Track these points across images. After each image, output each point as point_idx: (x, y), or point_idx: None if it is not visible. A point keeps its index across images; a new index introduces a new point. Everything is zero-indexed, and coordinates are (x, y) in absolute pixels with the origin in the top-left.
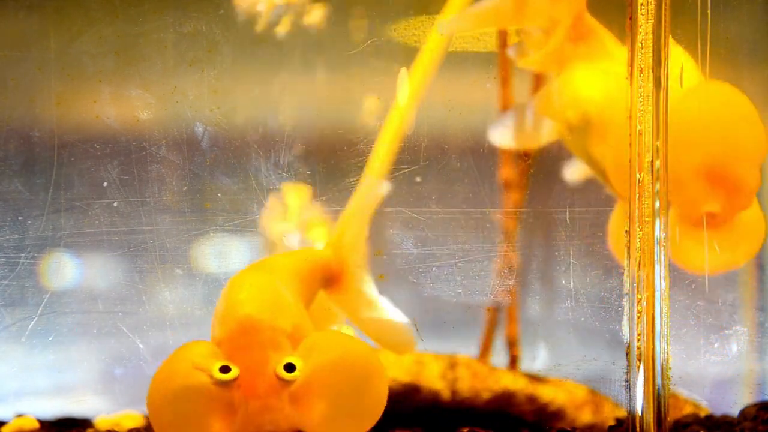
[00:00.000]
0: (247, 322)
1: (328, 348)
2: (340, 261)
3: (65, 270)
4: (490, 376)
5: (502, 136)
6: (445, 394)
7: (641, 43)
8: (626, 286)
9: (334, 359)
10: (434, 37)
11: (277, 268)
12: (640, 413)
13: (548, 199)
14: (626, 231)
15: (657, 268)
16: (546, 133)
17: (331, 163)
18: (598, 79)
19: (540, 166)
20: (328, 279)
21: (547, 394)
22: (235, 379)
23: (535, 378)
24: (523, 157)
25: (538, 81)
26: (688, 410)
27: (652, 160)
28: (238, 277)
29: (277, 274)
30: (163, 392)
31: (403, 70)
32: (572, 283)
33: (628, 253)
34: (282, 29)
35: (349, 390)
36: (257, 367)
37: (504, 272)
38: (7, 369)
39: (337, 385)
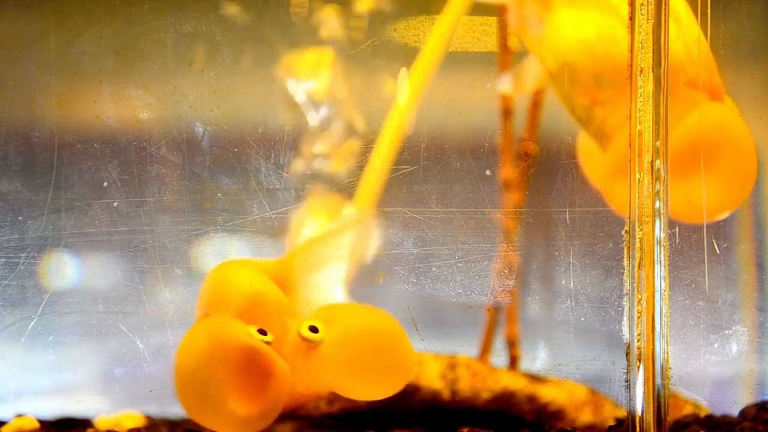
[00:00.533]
0: (257, 296)
1: (351, 313)
2: (285, 278)
3: (65, 270)
4: (490, 376)
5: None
6: (445, 394)
7: (641, 43)
8: (626, 286)
9: (358, 323)
10: (434, 37)
11: (250, 264)
12: (640, 413)
13: (548, 199)
14: (626, 231)
15: (657, 268)
16: (533, 79)
17: (331, 163)
18: (583, 25)
19: (540, 166)
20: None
21: (547, 394)
22: (270, 343)
23: (535, 378)
24: (523, 157)
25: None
26: (688, 410)
27: (652, 160)
28: (226, 264)
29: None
30: (198, 359)
31: (403, 70)
32: (572, 283)
33: (628, 253)
34: (282, 29)
35: (374, 351)
36: (278, 333)
37: (504, 272)
38: (7, 369)
39: (361, 347)
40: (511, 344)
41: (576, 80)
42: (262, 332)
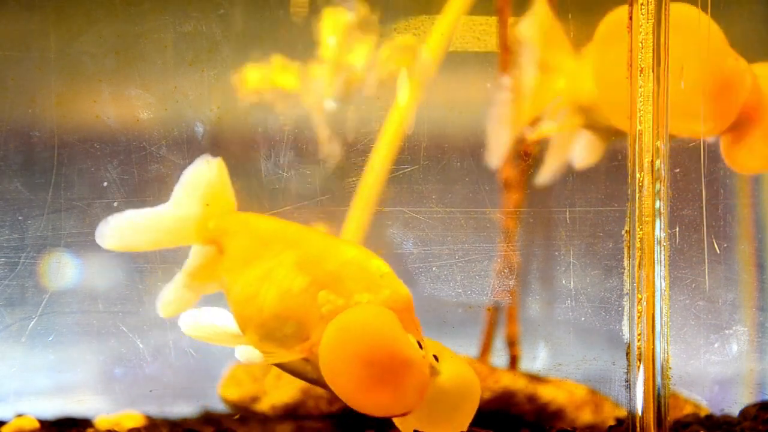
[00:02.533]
0: (409, 302)
1: (454, 359)
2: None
3: (65, 270)
4: (490, 376)
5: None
6: None
7: (641, 43)
8: (626, 286)
9: (460, 374)
10: (434, 37)
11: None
12: (640, 413)
13: (548, 199)
14: (626, 231)
15: (657, 268)
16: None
17: (331, 163)
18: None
19: (540, 166)
20: None
21: (547, 394)
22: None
23: (535, 378)
24: (523, 157)
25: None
26: (688, 410)
27: (652, 160)
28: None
29: None
30: (368, 352)
31: (403, 70)
32: (572, 283)
33: (629, 253)
34: (282, 29)
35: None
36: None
37: (504, 272)
38: (7, 369)
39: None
40: (511, 344)
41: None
42: (419, 345)
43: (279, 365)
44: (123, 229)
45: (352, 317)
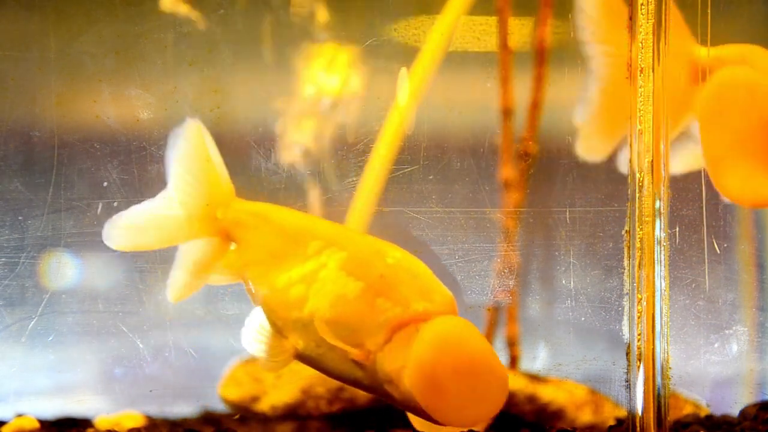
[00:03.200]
0: (455, 306)
1: None
2: None
3: (65, 270)
4: None
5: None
6: None
7: (641, 43)
8: (626, 286)
9: None
10: (434, 37)
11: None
12: (640, 413)
13: (548, 199)
14: (626, 231)
15: (657, 268)
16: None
17: (331, 163)
18: None
19: (540, 166)
20: None
21: (547, 394)
22: None
23: (535, 378)
24: (523, 156)
25: (538, 81)
26: (688, 410)
27: (652, 160)
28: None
29: None
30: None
31: (403, 70)
32: (572, 283)
33: (628, 253)
34: (282, 29)
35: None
36: None
37: (504, 272)
38: (7, 369)
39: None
40: (511, 344)
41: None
42: None
43: (325, 369)
44: (127, 228)
45: (445, 331)
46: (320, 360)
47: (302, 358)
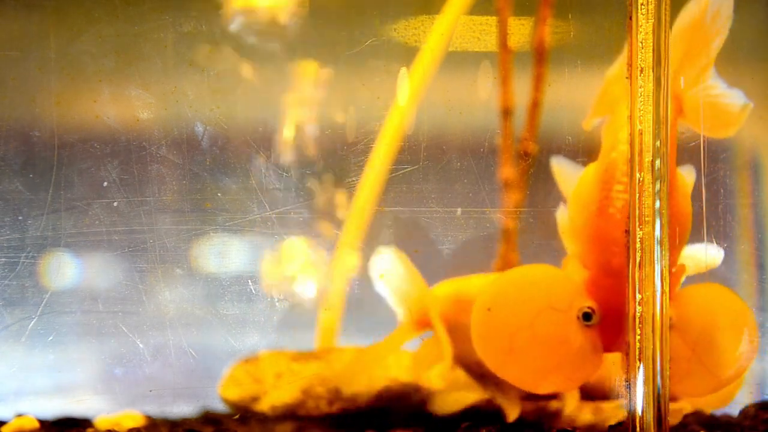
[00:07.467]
0: None
1: None
2: None
3: (65, 270)
4: None
5: None
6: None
7: (641, 43)
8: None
9: None
10: (434, 37)
11: None
12: (640, 413)
13: (548, 199)
14: (626, 231)
15: (657, 268)
16: None
17: (331, 163)
18: None
19: (540, 166)
20: None
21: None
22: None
23: None
24: (523, 156)
25: (538, 81)
26: (688, 410)
27: (652, 160)
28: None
29: None
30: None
31: (403, 70)
32: None
33: (628, 253)
34: (282, 29)
35: None
36: None
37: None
38: (7, 369)
39: None
40: None
41: None
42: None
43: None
44: None
45: None
46: None
47: None
